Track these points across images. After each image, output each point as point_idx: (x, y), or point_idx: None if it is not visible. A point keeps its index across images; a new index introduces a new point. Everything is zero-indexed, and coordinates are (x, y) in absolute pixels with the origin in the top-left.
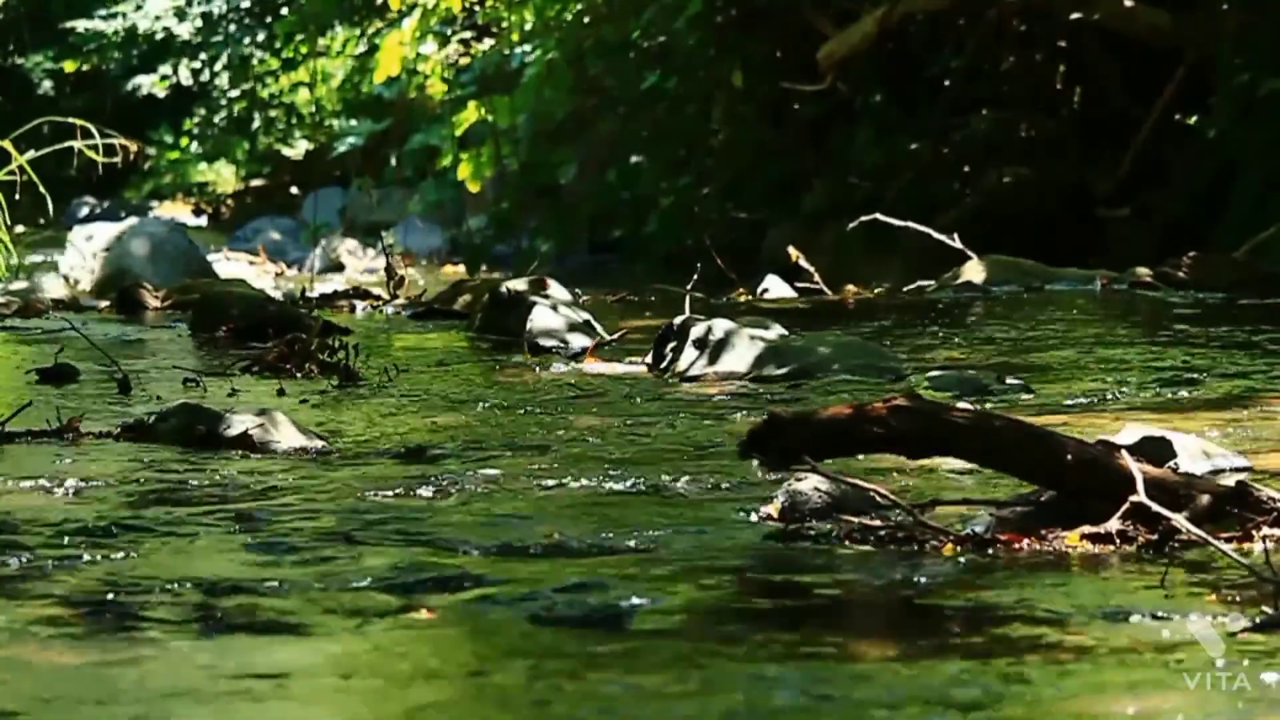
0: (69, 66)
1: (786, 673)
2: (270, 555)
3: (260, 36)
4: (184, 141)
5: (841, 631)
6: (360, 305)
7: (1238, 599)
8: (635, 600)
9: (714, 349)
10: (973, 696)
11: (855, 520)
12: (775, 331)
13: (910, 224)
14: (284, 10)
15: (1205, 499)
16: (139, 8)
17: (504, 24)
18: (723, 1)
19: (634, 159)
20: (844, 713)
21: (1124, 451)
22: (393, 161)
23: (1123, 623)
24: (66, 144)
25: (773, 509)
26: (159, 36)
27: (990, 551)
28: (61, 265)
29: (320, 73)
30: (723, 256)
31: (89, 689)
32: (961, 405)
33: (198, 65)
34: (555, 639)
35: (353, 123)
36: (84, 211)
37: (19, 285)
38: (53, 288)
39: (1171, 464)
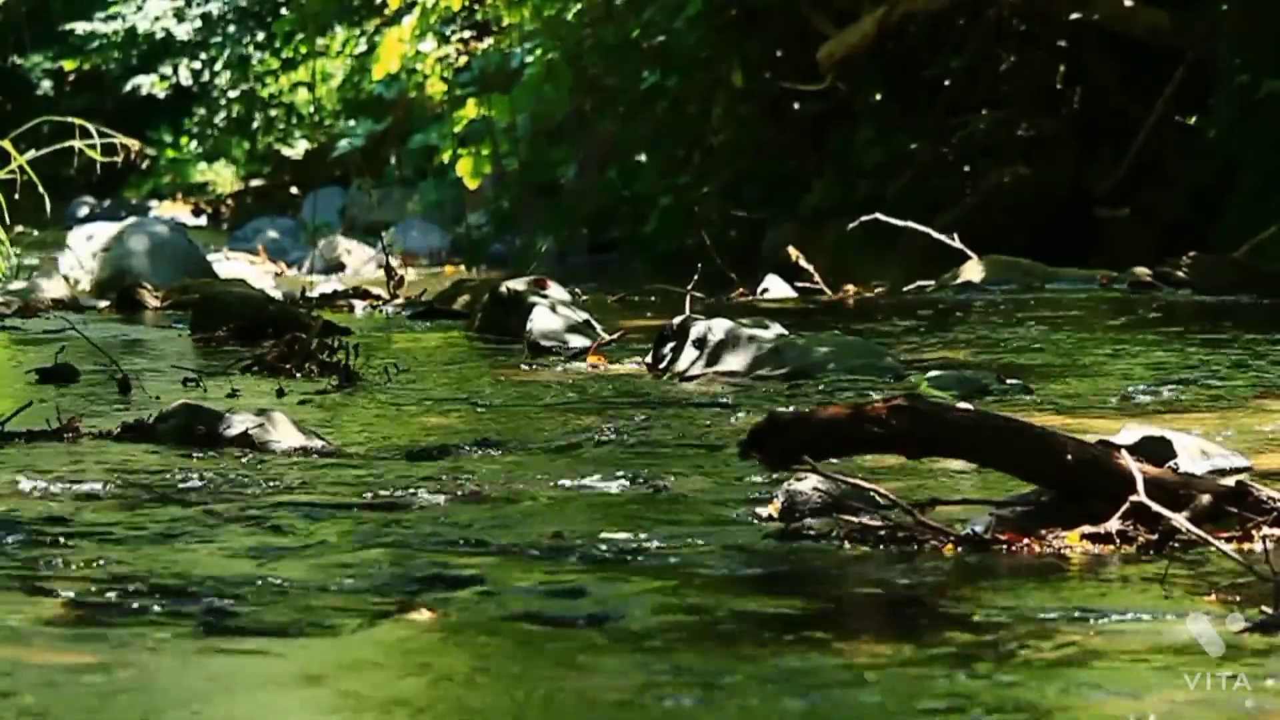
0: (69, 66)
1: (786, 673)
2: (270, 555)
3: (260, 36)
4: (184, 141)
5: (841, 631)
6: (360, 305)
7: (1238, 599)
8: (635, 601)
9: (714, 349)
10: (972, 696)
11: (855, 520)
12: (775, 331)
13: (910, 224)
14: (283, 10)
15: (1205, 499)
16: (139, 9)
17: (504, 23)
18: (723, 1)
19: (634, 158)
20: (844, 713)
21: (1124, 451)
22: (393, 161)
23: (1123, 623)
24: (66, 144)
25: (773, 509)
26: (159, 36)
27: (990, 551)
28: (61, 265)
29: (320, 73)
30: (723, 256)
31: (89, 689)
32: (961, 405)
33: (197, 65)
34: (555, 639)
35: (353, 123)
36: (84, 211)
37: (19, 285)
38: (53, 288)
39: (1171, 464)
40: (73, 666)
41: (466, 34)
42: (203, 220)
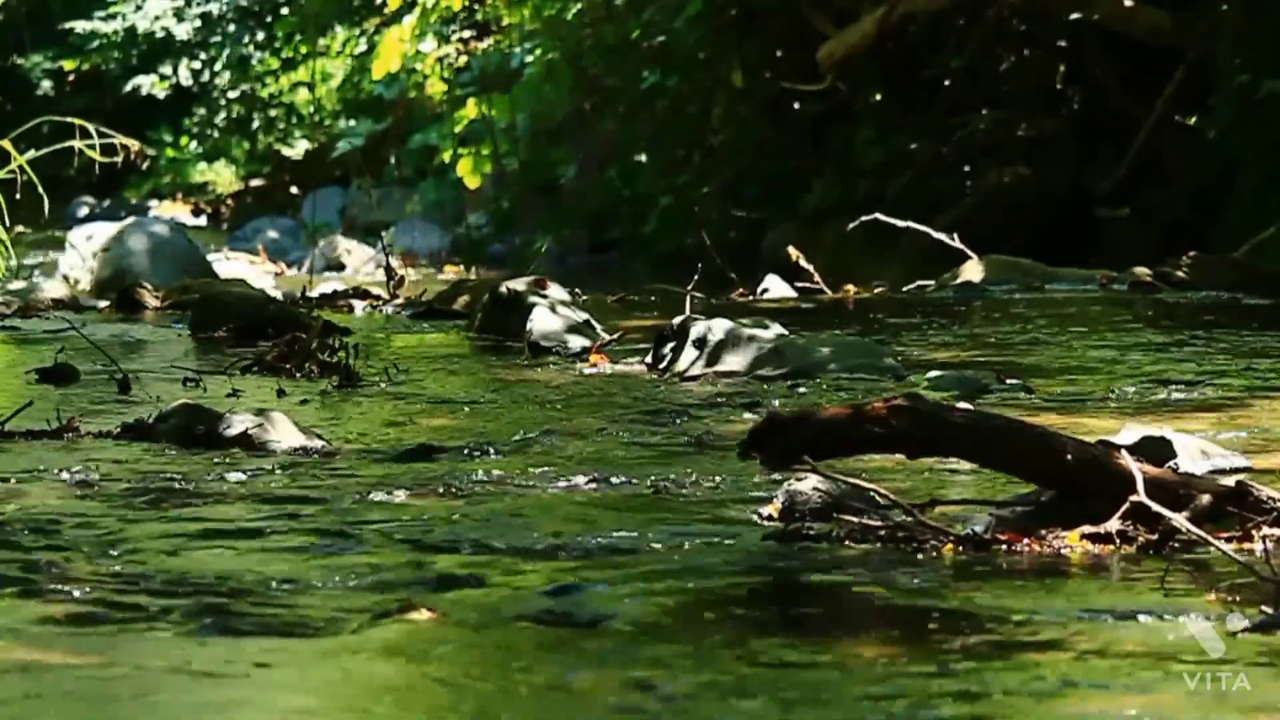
0: (69, 66)
1: (785, 673)
2: (270, 555)
3: (260, 36)
4: (184, 141)
5: (841, 632)
6: (360, 305)
7: (1238, 599)
8: (635, 600)
9: (714, 349)
10: (971, 697)
11: (855, 520)
12: (775, 331)
13: (910, 224)
14: (284, 10)
15: (1205, 499)
16: (138, 8)
17: (504, 23)
18: (723, 1)
19: (634, 158)
20: (844, 713)
21: (1124, 451)
22: (393, 161)
23: (1123, 623)
24: (66, 144)
25: (772, 509)
26: (158, 36)
27: (990, 551)
28: (61, 265)
29: (320, 73)
30: (723, 256)
31: (89, 689)
32: (961, 405)
33: (197, 65)
34: (555, 639)
35: (353, 123)
36: (84, 211)
37: (19, 285)
38: (53, 288)
39: (1171, 464)
40: (71, 667)
41: (466, 34)
42: (203, 220)
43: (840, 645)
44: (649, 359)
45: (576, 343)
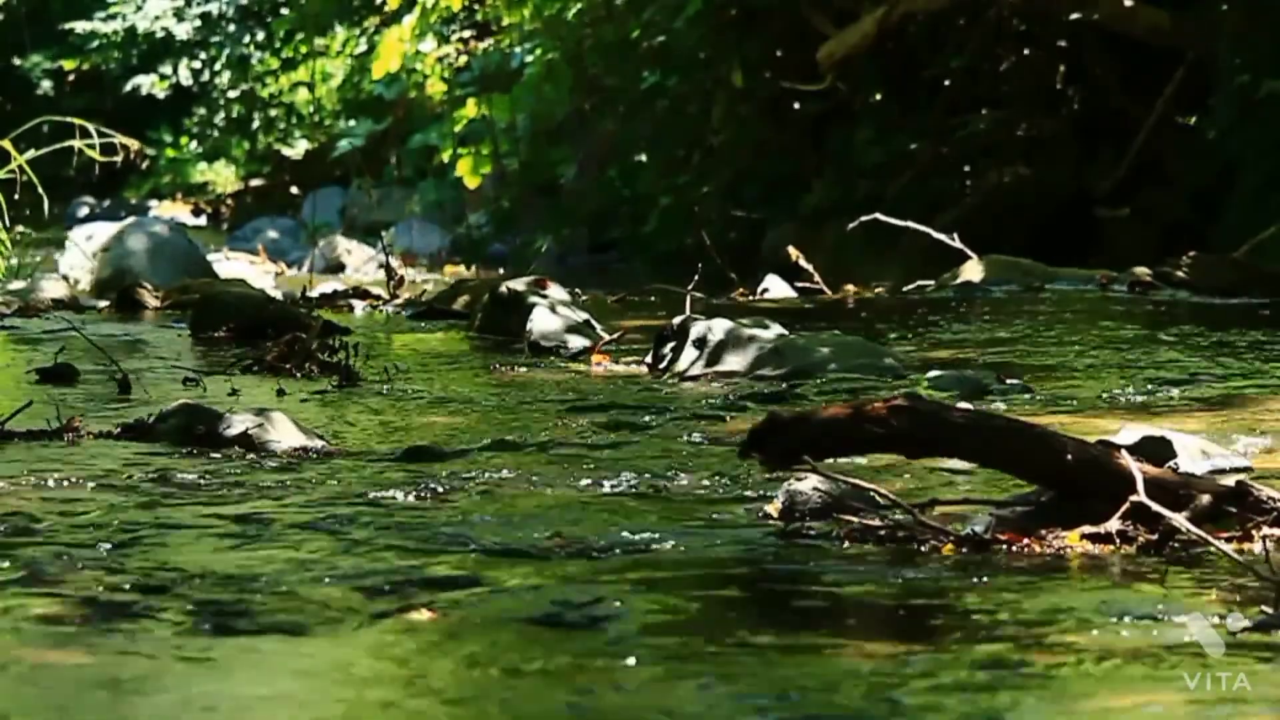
0: (69, 66)
1: (784, 673)
2: (270, 555)
3: (260, 36)
4: (184, 141)
5: (840, 632)
6: (360, 305)
7: (1238, 599)
8: (634, 600)
9: (714, 349)
10: (971, 697)
11: (855, 520)
12: (775, 331)
13: (910, 224)
14: (283, 10)
15: (1205, 499)
16: (138, 8)
17: (504, 23)
18: (723, 1)
19: (634, 158)
20: (843, 713)
21: (1124, 451)
22: (393, 161)
23: (1123, 623)
24: (66, 144)
25: (772, 509)
26: (158, 36)
27: (990, 551)
28: (61, 265)
29: (320, 73)
30: (723, 256)
31: (89, 689)
32: (961, 405)
33: (197, 65)
34: (555, 639)
35: (353, 123)
36: (84, 211)
37: (19, 285)
38: (53, 288)
39: (1171, 464)
40: (71, 665)
41: (466, 34)
42: (203, 220)
43: (840, 644)
44: (649, 359)
45: (576, 343)
